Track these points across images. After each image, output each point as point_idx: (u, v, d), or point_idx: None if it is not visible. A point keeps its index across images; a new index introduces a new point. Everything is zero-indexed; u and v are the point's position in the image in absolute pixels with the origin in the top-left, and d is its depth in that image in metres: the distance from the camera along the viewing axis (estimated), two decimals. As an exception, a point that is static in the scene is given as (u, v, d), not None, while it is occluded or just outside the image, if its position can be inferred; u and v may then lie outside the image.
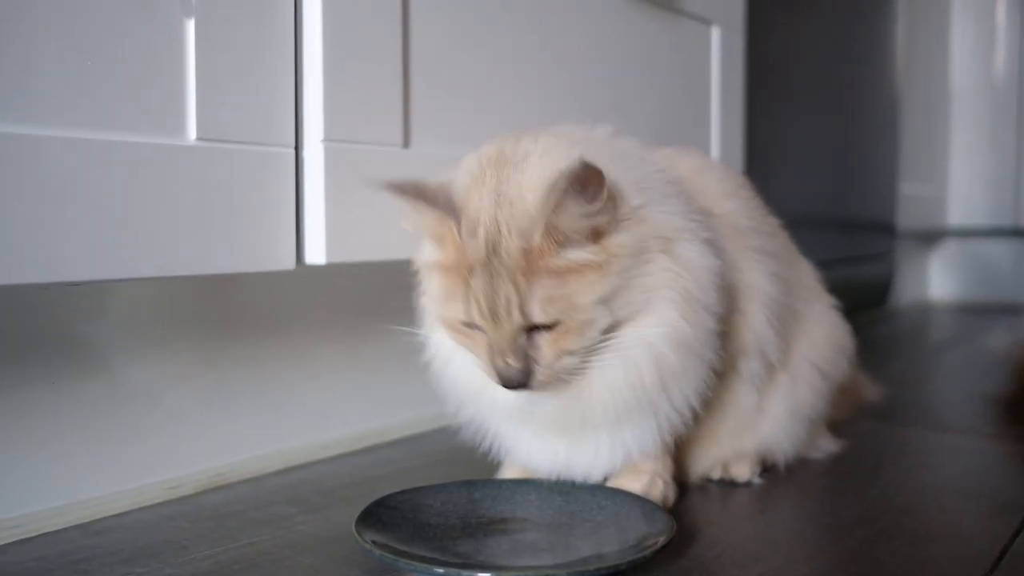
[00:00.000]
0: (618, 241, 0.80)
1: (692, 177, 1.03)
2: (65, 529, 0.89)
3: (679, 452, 1.00)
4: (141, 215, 0.83)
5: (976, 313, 2.85)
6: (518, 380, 0.79)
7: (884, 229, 2.63)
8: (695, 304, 0.84)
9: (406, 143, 1.05)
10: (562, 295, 0.77)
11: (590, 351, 0.81)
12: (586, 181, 0.75)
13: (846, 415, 1.33)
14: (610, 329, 0.81)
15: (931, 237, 3.13)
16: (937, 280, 3.19)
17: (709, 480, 1.06)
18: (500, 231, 0.78)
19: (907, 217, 2.72)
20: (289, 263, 0.96)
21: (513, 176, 0.80)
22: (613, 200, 0.79)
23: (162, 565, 0.80)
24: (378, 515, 0.84)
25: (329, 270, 1.15)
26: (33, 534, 0.87)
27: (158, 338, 1.00)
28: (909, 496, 1.03)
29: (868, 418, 1.39)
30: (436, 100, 1.09)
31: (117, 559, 0.82)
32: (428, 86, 1.08)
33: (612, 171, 0.80)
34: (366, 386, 1.22)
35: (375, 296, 1.18)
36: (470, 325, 0.81)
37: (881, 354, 2.01)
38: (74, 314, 0.92)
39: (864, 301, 2.63)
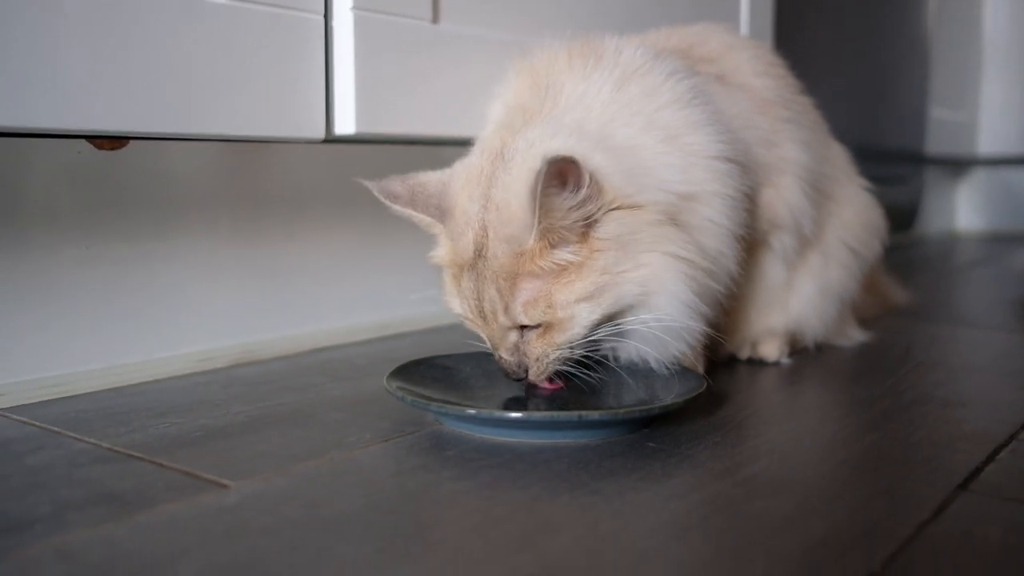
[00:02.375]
0: (601, 234, 0.76)
1: (724, 55, 1.02)
2: (103, 391, 0.90)
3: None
4: (174, 72, 0.83)
5: (1003, 241, 2.82)
6: (515, 374, 0.79)
7: (912, 154, 2.60)
8: (703, 282, 0.81)
9: (435, 18, 1.04)
10: (542, 296, 0.75)
11: (589, 341, 0.79)
12: (564, 174, 0.72)
13: (874, 314, 1.33)
14: (608, 320, 0.78)
15: (960, 165, 3.08)
16: (964, 210, 3.15)
17: (737, 360, 1.06)
18: (487, 234, 0.76)
19: (936, 143, 2.68)
20: (319, 132, 0.96)
21: (501, 177, 0.77)
22: (598, 186, 0.76)
23: (196, 417, 0.81)
24: (408, 371, 0.85)
25: (360, 150, 1.15)
26: (73, 393, 0.89)
27: (193, 213, 1.00)
28: (940, 374, 1.03)
29: (897, 317, 1.38)
30: (465, -23, 1.08)
31: (153, 413, 0.83)
32: (457, -38, 1.06)
33: (591, 159, 0.76)
34: (399, 273, 1.22)
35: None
36: (467, 318, 0.82)
37: (908, 272, 1.99)
38: (108, 182, 0.93)
39: (889, 225, 2.59)
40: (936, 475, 0.68)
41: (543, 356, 0.78)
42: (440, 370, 0.87)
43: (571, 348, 0.79)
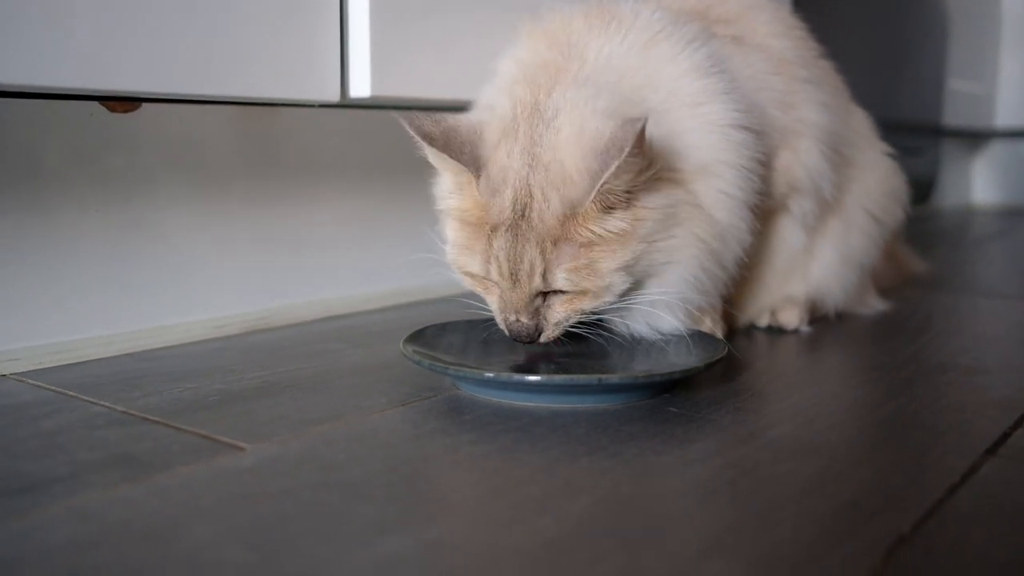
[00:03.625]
0: (649, 203, 0.76)
1: (742, 16, 1.00)
2: (117, 356, 0.90)
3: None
4: (187, 32, 0.82)
5: (1020, 215, 2.79)
6: (528, 336, 0.77)
7: (930, 126, 2.57)
8: (714, 259, 0.81)
9: (451, -20, 1.03)
10: (586, 263, 0.74)
11: (596, 315, 0.78)
12: (638, 142, 0.71)
13: (893, 284, 1.31)
14: (626, 292, 0.78)
15: (977, 138, 3.05)
16: (980, 183, 3.12)
17: (756, 327, 1.05)
18: (532, 195, 0.74)
19: (953, 116, 2.65)
20: (333, 95, 0.94)
21: (546, 136, 0.76)
22: (651, 152, 0.75)
23: (211, 382, 0.81)
24: (425, 336, 0.84)
25: (376, 116, 1.13)
26: (87, 358, 0.88)
27: (208, 178, 0.99)
28: (962, 341, 1.02)
29: (915, 287, 1.37)
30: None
31: (167, 378, 0.82)
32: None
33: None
34: (416, 241, 1.21)
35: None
36: (485, 278, 0.79)
37: (925, 244, 1.97)
38: (126, 148, 0.92)
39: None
40: (964, 440, 0.67)
41: (563, 320, 0.77)
42: (457, 335, 0.86)
43: (585, 316, 0.78)
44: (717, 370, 0.81)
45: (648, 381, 0.73)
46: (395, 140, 0.82)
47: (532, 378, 0.72)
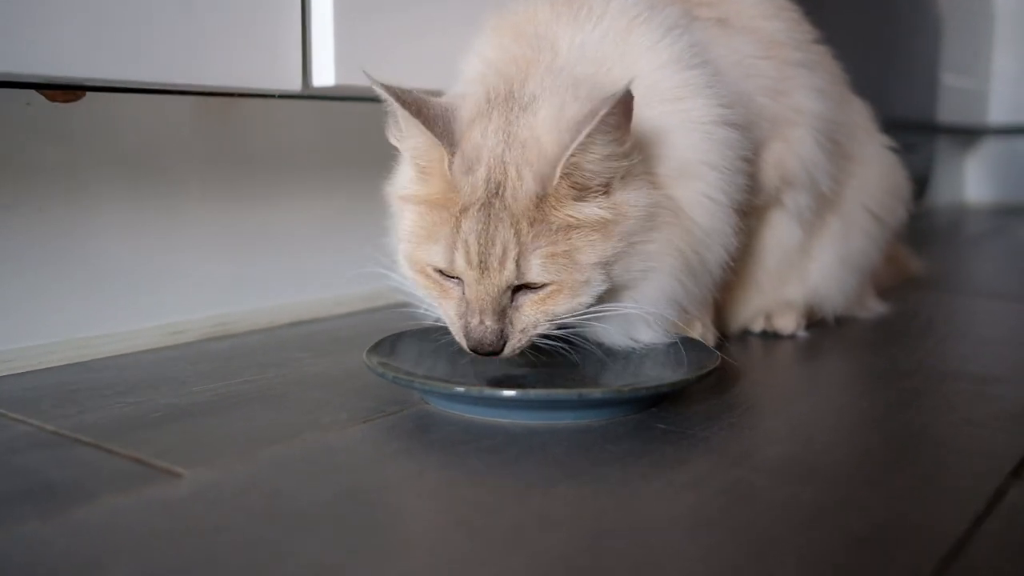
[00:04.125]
0: (631, 200, 0.69)
1: None
2: (60, 366, 0.82)
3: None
4: (133, 13, 0.75)
5: (1013, 213, 2.74)
6: (491, 345, 0.68)
7: (923, 123, 2.51)
8: (694, 270, 0.75)
9: (422, -39, 0.96)
10: (565, 251, 0.67)
11: (570, 318, 0.70)
12: (624, 114, 0.66)
13: (892, 284, 1.25)
14: (600, 300, 0.71)
15: (970, 135, 3.00)
16: (974, 181, 3.07)
17: (750, 333, 0.99)
18: (507, 173, 0.68)
19: (947, 112, 2.60)
20: (295, 84, 0.88)
21: (523, 118, 0.70)
22: (637, 147, 0.70)
23: (158, 396, 0.74)
24: (392, 345, 0.77)
25: (344, 109, 1.06)
26: (28, 369, 0.81)
27: (162, 174, 0.92)
28: (968, 346, 0.96)
29: (913, 287, 1.31)
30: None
31: (111, 391, 0.75)
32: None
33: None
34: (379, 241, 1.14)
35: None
36: (445, 274, 0.71)
37: (920, 242, 1.91)
38: (68, 141, 0.84)
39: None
40: (983, 460, 0.61)
41: (530, 327, 0.69)
42: (428, 343, 0.79)
43: (557, 323, 0.70)
44: (708, 381, 0.75)
45: (634, 395, 0.66)
46: (364, 132, 0.75)
47: (507, 393, 0.65)
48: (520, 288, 0.69)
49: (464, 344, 0.70)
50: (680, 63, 0.76)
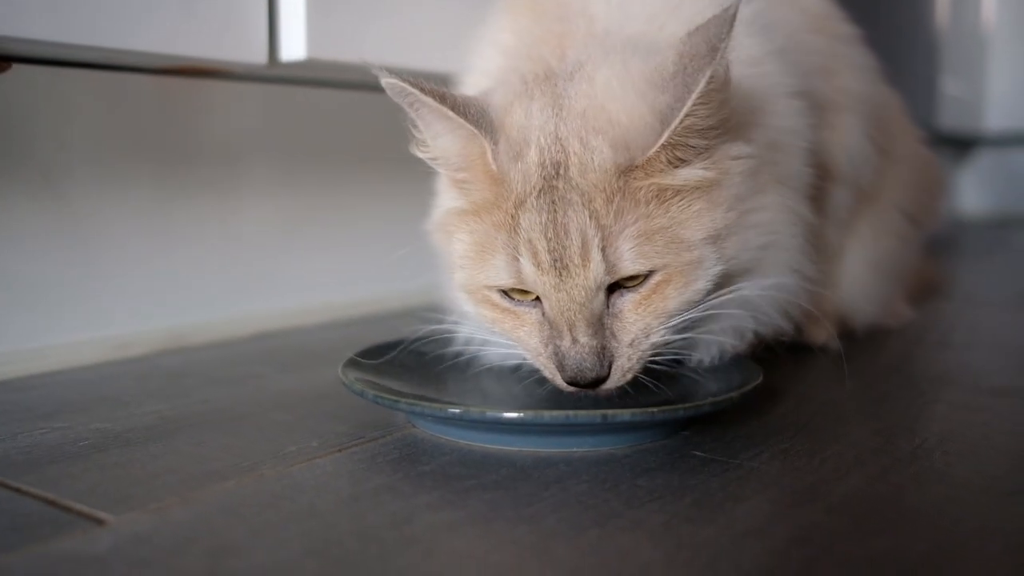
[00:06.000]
0: (733, 151, 0.57)
1: None
2: (-23, 385, 0.70)
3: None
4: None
5: (1011, 225, 2.66)
6: (592, 369, 0.54)
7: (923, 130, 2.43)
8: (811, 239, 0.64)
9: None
10: (662, 228, 0.54)
11: (685, 322, 0.57)
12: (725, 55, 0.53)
13: (916, 293, 1.14)
14: (712, 290, 0.58)
15: (965, 146, 2.92)
16: (968, 193, 2.99)
17: (777, 344, 0.87)
18: (566, 148, 0.55)
19: (942, 118, 2.52)
20: (260, 56, 0.76)
21: (573, 87, 0.58)
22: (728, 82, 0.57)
23: (91, 420, 0.62)
24: (372, 359, 0.65)
25: (310, 96, 0.95)
26: (-67, 389, 0.69)
27: (108, 165, 0.80)
28: (1016, 357, 0.85)
29: (939, 297, 1.20)
30: None
31: (36, 414, 0.63)
32: None
33: None
34: (357, 244, 1.02)
35: (367, 130, 0.97)
36: (514, 296, 0.58)
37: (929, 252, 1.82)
38: (7, 128, 0.72)
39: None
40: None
41: (640, 337, 0.56)
42: (414, 356, 0.67)
43: (675, 325, 0.57)
44: (743, 399, 0.63)
45: (670, 416, 0.54)
46: (339, 120, 0.64)
47: (512, 415, 0.53)
48: (615, 289, 0.56)
49: (560, 380, 0.56)
50: (752, 25, 0.65)
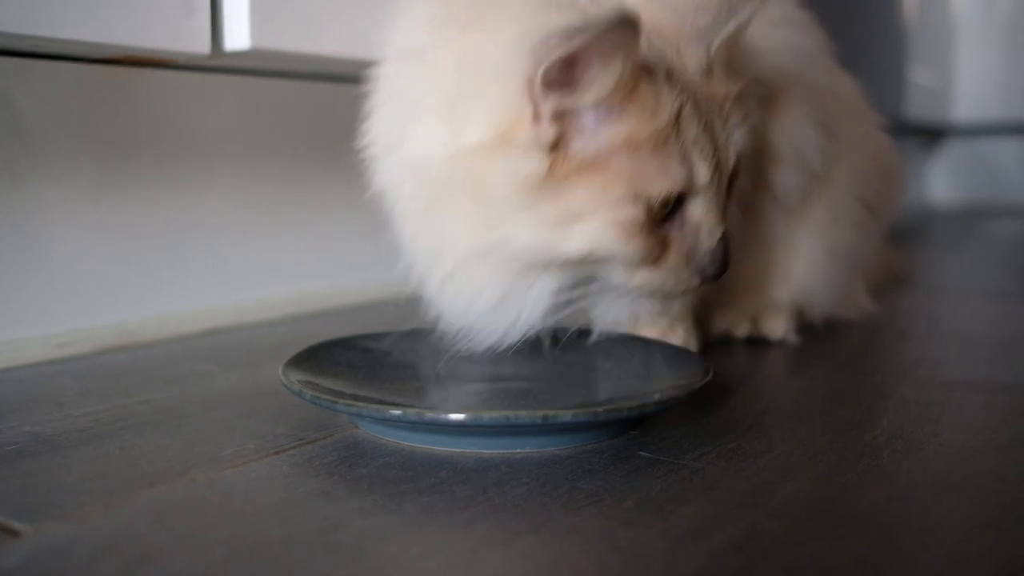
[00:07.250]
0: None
1: None
2: (-94, 386, 0.68)
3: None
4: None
5: (978, 214, 2.67)
6: (724, 258, 0.59)
7: (890, 121, 2.43)
8: None
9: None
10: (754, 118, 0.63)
11: None
12: None
13: (879, 283, 1.14)
14: None
15: (934, 135, 2.93)
16: (936, 182, 3.01)
17: (733, 338, 0.86)
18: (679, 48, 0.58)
19: (911, 107, 2.52)
20: (203, 46, 0.74)
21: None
22: None
23: (21, 423, 0.60)
24: (316, 357, 0.63)
25: (260, 87, 0.92)
26: None
27: (48, 153, 0.77)
28: (986, 351, 0.84)
29: (904, 288, 1.20)
30: None
31: (-40, 418, 0.61)
32: None
33: None
34: (310, 236, 1.01)
35: (320, 122, 0.95)
36: (670, 215, 0.57)
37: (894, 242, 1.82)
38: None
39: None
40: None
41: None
42: (360, 354, 0.66)
43: None
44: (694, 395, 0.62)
45: (613, 417, 0.53)
46: (291, 112, 0.62)
47: (453, 416, 0.51)
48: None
49: (695, 282, 0.59)
50: None
